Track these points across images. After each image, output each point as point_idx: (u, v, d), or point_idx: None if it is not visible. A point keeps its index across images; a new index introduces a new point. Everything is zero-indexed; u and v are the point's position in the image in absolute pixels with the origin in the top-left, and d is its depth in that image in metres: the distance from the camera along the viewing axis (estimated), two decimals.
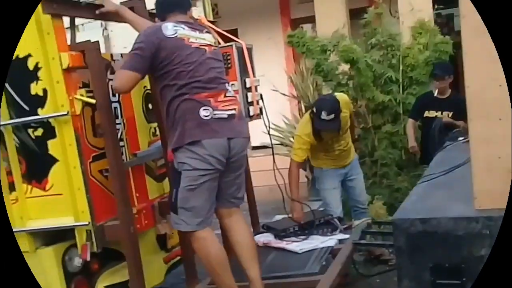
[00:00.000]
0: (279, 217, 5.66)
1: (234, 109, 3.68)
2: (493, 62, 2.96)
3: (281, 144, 9.17)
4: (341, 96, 5.35)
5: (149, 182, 4.30)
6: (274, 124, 8.88)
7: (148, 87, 4.35)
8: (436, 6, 8.09)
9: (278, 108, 8.12)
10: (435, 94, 6.21)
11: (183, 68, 3.52)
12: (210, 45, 3.74)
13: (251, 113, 4.96)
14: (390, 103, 6.97)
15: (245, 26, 11.20)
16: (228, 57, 4.86)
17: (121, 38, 4.33)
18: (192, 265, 4.35)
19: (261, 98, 5.17)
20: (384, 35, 7.10)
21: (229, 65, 4.86)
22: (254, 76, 4.87)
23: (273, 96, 7.77)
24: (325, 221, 4.97)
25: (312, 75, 10.17)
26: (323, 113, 5.03)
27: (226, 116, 3.59)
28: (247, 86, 4.93)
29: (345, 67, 7.27)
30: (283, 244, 4.71)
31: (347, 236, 4.72)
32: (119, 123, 3.98)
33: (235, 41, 4.82)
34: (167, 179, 4.40)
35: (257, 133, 5.19)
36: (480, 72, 3.01)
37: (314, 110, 5.14)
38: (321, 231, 4.84)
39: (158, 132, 4.37)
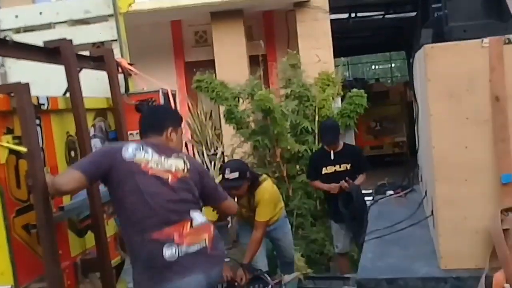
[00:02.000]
0: None
1: (204, 239, 3.34)
2: (459, 124, 3.04)
3: None
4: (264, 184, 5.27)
5: (71, 237, 3.96)
6: None
7: (71, 133, 4.04)
8: (342, 59, 8.35)
9: None
10: (330, 152, 6.23)
11: (135, 198, 3.29)
12: (177, 172, 3.42)
13: None
14: (306, 153, 7.00)
15: (137, 68, 10.97)
16: (154, 103, 4.72)
17: (20, 76, 4.02)
18: None
19: (186, 145, 5.06)
20: (298, 86, 7.18)
21: None
22: None
23: None
24: (255, 277, 4.84)
25: (210, 120, 10.19)
26: (226, 171, 4.99)
27: (194, 250, 3.27)
28: None
29: (258, 115, 7.26)
30: None
31: None
32: None
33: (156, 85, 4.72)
34: (89, 232, 4.10)
35: None
36: (446, 134, 3.07)
37: (221, 170, 5.13)
38: (252, 287, 4.70)
39: None
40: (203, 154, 9.41)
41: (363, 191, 6.23)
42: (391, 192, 5.00)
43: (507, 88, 2.92)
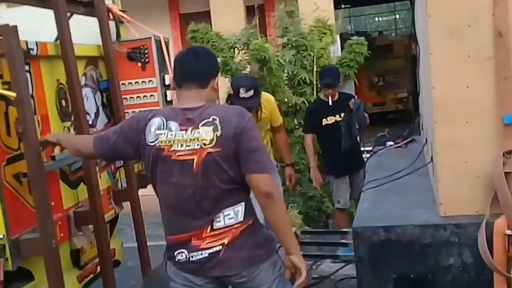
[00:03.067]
0: None
1: (222, 244, 2.97)
2: (461, 63, 3.06)
3: None
4: (264, 94, 5.44)
5: (63, 189, 4.03)
6: None
7: (62, 81, 4.08)
8: (343, 6, 8.32)
9: None
10: (328, 101, 6.22)
11: (161, 188, 3.05)
12: (204, 148, 2.91)
13: None
14: (303, 106, 7.03)
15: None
16: (146, 51, 4.74)
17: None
18: (111, 284, 4.14)
19: None
20: (295, 35, 7.17)
21: (146, 60, 4.74)
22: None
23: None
24: None
25: None
26: (241, 90, 4.96)
27: (207, 255, 2.98)
28: (166, 83, 4.82)
29: (254, 66, 7.26)
30: None
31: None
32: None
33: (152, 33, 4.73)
34: (82, 184, 4.17)
35: None
36: (447, 73, 3.09)
37: (232, 90, 5.11)
38: None
39: (72, 133, 4.12)
40: None
41: (361, 149, 6.35)
42: (391, 143, 5.04)
43: (510, 23, 2.93)
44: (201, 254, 2.98)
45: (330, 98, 6.14)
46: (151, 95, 4.76)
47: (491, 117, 3.03)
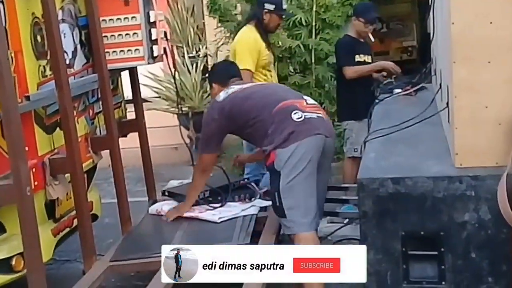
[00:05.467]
0: (174, 182, 5.53)
1: (321, 113, 4.16)
2: None
3: (159, 97, 8.96)
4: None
5: (38, 133, 3.99)
6: (151, 73, 8.69)
7: (37, 14, 4.00)
8: None
9: None
10: (359, 38, 6.18)
11: (251, 101, 4.16)
12: None
13: (155, 54, 4.79)
14: (299, 50, 6.96)
15: None
16: None
17: None
18: (89, 238, 4.13)
19: (165, 36, 5.01)
20: None
21: None
22: None
23: None
24: (241, 186, 4.91)
25: (192, 17, 10.06)
26: (283, 1, 5.73)
27: (316, 117, 4.02)
28: (151, 20, 4.75)
29: (244, 6, 7.17)
30: (195, 213, 4.58)
31: (268, 202, 4.65)
32: None
33: None
34: (58, 130, 4.13)
35: None
36: (468, 6, 3.00)
37: (270, 6, 5.63)
38: (238, 197, 4.76)
39: (48, 72, 4.05)
40: (183, 56, 9.32)
41: None
42: (398, 90, 4.99)
43: None
44: (311, 115, 3.99)
45: (364, 35, 6.16)
46: (134, 34, 4.69)
47: None
